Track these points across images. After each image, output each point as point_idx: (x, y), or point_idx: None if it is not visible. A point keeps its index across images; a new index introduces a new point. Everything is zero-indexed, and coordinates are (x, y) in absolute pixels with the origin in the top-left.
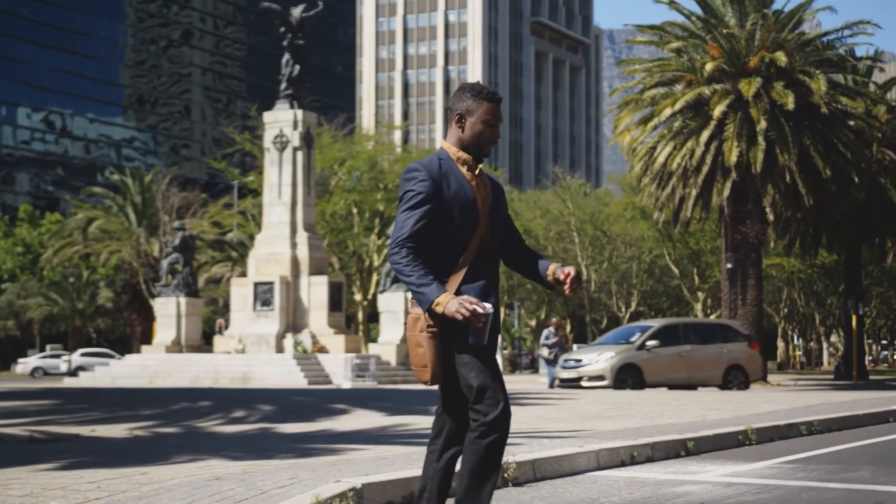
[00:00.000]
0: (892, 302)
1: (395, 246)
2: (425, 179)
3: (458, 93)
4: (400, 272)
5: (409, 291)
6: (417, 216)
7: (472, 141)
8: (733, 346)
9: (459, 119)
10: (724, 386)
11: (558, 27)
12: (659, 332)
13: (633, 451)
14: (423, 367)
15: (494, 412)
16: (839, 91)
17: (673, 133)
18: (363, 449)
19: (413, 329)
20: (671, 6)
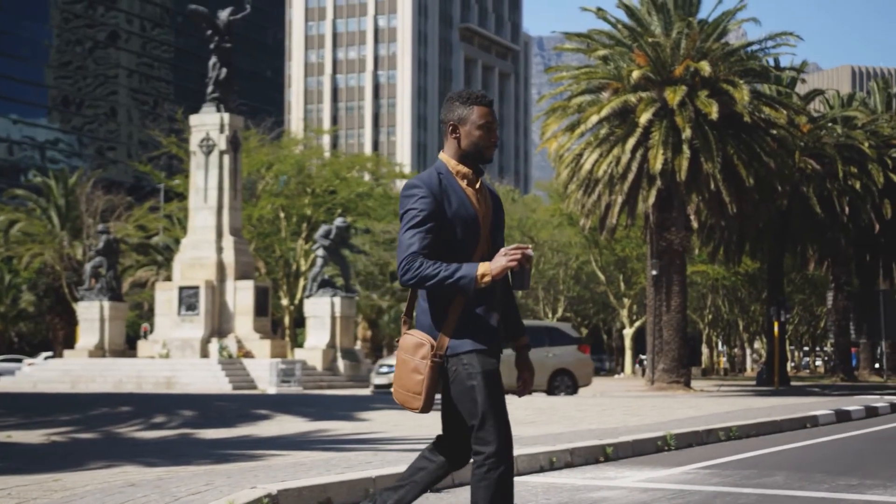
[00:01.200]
0: (815, 309)
1: (404, 262)
2: (426, 196)
3: (446, 103)
4: (424, 278)
5: (439, 286)
6: (423, 233)
7: (471, 149)
8: (561, 350)
9: (454, 129)
10: (550, 392)
11: (487, 33)
12: None
13: (552, 457)
14: (416, 394)
15: (496, 442)
16: (762, 101)
17: (599, 140)
18: (282, 455)
19: (413, 353)
20: (598, 14)
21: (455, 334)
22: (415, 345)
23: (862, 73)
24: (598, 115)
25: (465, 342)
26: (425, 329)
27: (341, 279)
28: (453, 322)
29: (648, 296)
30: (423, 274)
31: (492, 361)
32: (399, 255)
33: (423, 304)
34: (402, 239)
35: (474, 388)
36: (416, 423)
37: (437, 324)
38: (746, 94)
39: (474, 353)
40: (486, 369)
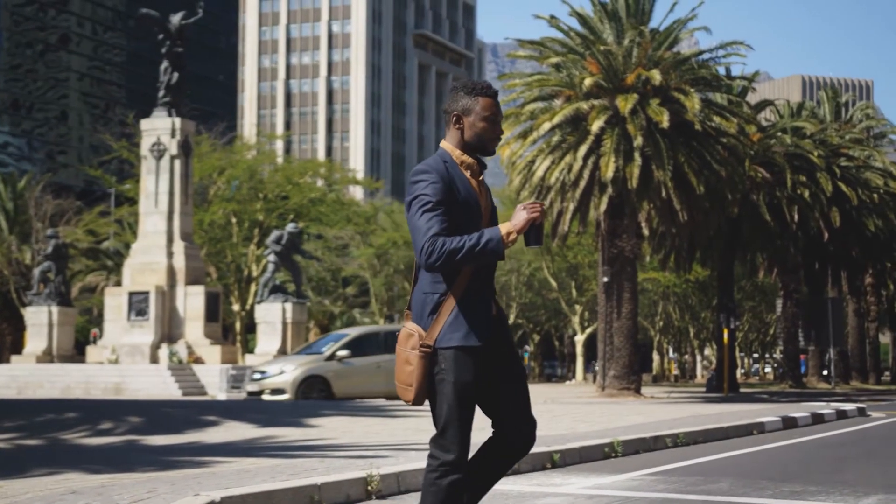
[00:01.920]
0: (764, 316)
1: (426, 245)
2: (437, 182)
3: (451, 93)
4: (452, 253)
5: (470, 258)
6: (439, 215)
7: (474, 140)
8: None
9: (457, 120)
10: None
11: (441, 40)
12: (354, 341)
13: None
14: (408, 385)
15: (456, 452)
16: (713, 110)
17: (552, 147)
18: (229, 461)
19: (404, 344)
20: (551, 23)
21: (446, 326)
22: (406, 335)
23: (812, 83)
24: (550, 122)
25: (454, 336)
26: (417, 318)
27: (293, 285)
28: (446, 313)
29: (600, 302)
30: (449, 249)
31: (469, 369)
32: (418, 240)
33: (418, 294)
34: (417, 224)
35: (444, 395)
36: (365, 429)
37: (430, 313)
38: (697, 102)
39: (459, 353)
40: (460, 379)
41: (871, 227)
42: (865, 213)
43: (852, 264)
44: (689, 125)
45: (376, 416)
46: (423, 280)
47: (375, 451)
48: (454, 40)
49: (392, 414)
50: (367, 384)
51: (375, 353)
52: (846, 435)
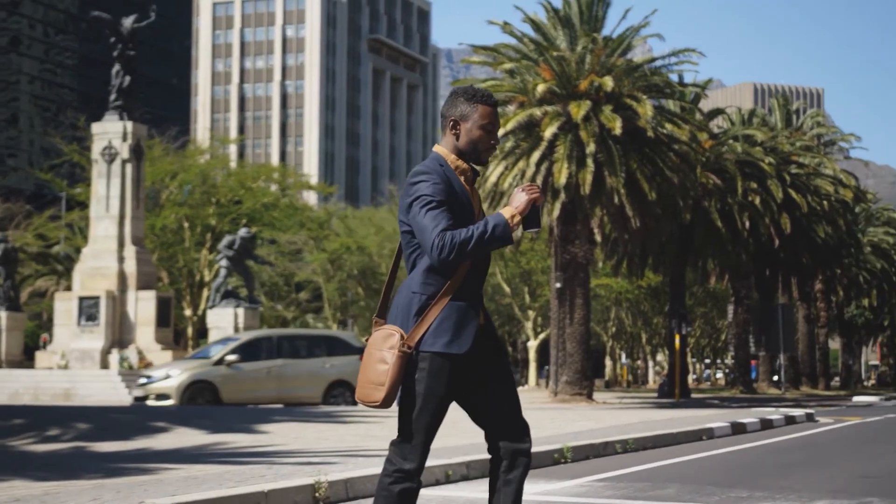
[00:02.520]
0: (716, 322)
1: (437, 241)
2: (438, 182)
3: (450, 98)
4: (463, 244)
5: (484, 246)
6: (444, 212)
7: (469, 148)
8: (340, 360)
9: (454, 125)
10: (327, 403)
11: (396, 45)
12: (245, 345)
13: (448, 470)
14: (378, 384)
15: (415, 462)
16: (665, 117)
17: (505, 153)
18: (176, 468)
19: (380, 344)
20: (504, 29)
21: (431, 330)
22: (384, 336)
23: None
24: (503, 128)
25: (437, 341)
26: (399, 319)
27: (245, 290)
28: (432, 316)
29: (552, 308)
30: (459, 241)
31: (444, 379)
32: (427, 237)
33: (404, 293)
34: (422, 223)
35: (414, 401)
36: (316, 435)
37: (416, 314)
38: (650, 109)
39: (438, 359)
40: (434, 387)
41: (821, 233)
42: (815, 220)
43: (802, 271)
44: (642, 132)
45: (328, 421)
46: (412, 279)
47: (324, 457)
48: (409, 45)
49: (343, 420)
50: (258, 390)
51: (268, 358)
52: (794, 441)
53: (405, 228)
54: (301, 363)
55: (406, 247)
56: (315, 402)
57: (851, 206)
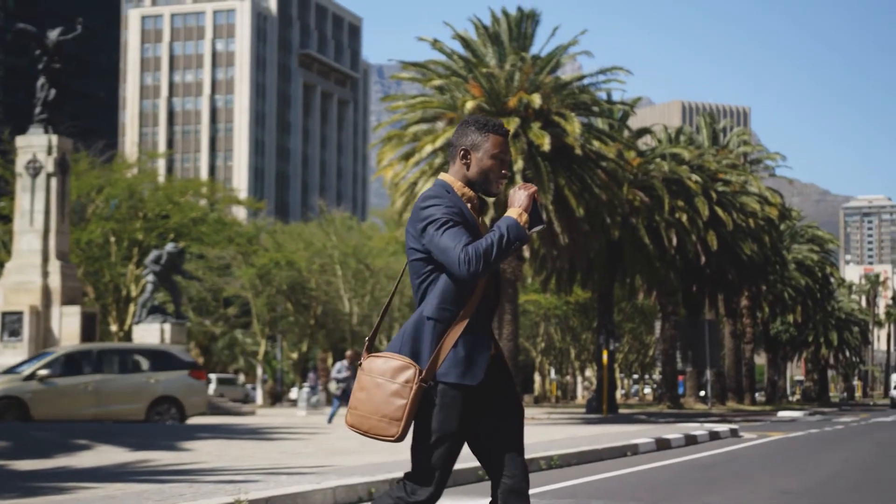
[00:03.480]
0: (644, 337)
1: (462, 257)
2: (450, 205)
3: (461, 127)
4: (486, 255)
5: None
6: (460, 229)
7: (480, 178)
8: (167, 376)
9: (465, 154)
10: (149, 421)
11: (327, 60)
12: (62, 359)
13: (370, 488)
14: (393, 419)
15: (425, 494)
16: (593, 134)
17: (434, 169)
18: (95, 487)
19: (393, 376)
20: (434, 45)
21: (448, 359)
22: (396, 368)
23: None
24: (432, 144)
25: (451, 371)
26: (407, 346)
27: (172, 305)
28: (449, 344)
29: None
30: (480, 253)
31: (458, 410)
32: (451, 257)
33: (416, 319)
34: (442, 243)
35: (419, 437)
36: (239, 452)
37: (430, 345)
38: (578, 127)
39: (452, 391)
40: (449, 419)
41: (747, 250)
42: (741, 237)
43: (729, 287)
44: (570, 149)
45: (252, 438)
46: (427, 306)
47: (247, 475)
48: (339, 61)
49: (268, 437)
50: (74, 406)
51: (86, 373)
52: (717, 456)
53: (416, 256)
54: (123, 378)
55: (416, 275)
56: (137, 419)
57: (777, 223)
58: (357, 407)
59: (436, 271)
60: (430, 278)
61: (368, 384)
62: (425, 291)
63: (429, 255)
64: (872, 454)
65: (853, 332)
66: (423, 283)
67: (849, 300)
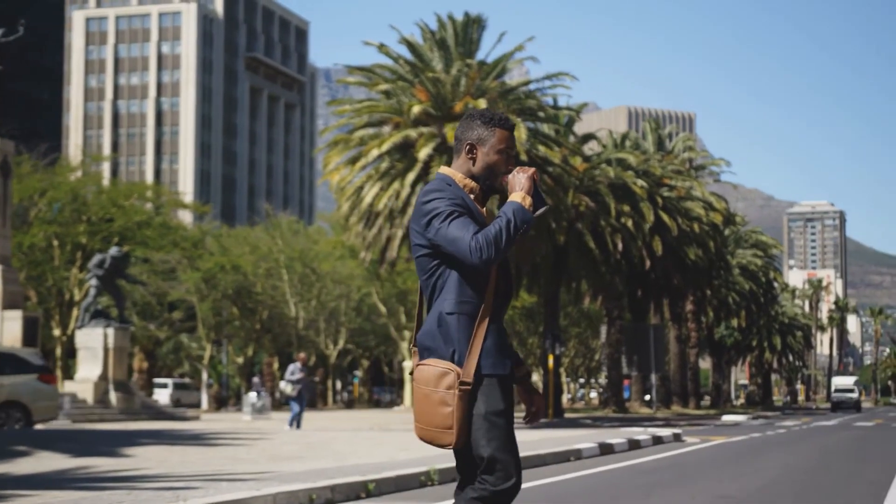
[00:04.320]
0: (590, 342)
1: (473, 245)
2: (452, 196)
3: (465, 121)
4: (496, 242)
5: (509, 232)
6: (466, 219)
7: (485, 172)
8: (14, 380)
9: (470, 149)
10: None
11: (273, 63)
12: None
13: (311, 494)
14: (445, 429)
15: (504, 485)
16: (539, 139)
17: (380, 174)
18: (31, 495)
19: (436, 384)
20: (380, 50)
21: (483, 354)
22: (438, 375)
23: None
24: (378, 149)
25: (486, 363)
26: (443, 354)
27: (116, 310)
28: (479, 338)
29: None
30: (490, 240)
31: (509, 395)
32: (461, 246)
33: (433, 324)
34: (450, 234)
35: (480, 430)
36: (181, 458)
37: (459, 347)
38: (524, 132)
39: (493, 381)
40: (489, 410)
41: (692, 255)
42: (686, 243)
43: (674, 292)
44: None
45: (195, 444)
46: (444, 301)
47: (187, 481)
48: (286, 64)
49: (212, 442)
50: None
51: None
52: (660, 461)
53: (422, 252)
54: None
55: (423, 272)
56: None
57: (721, 228)
58: (418, 419)
59: (443, 266)
60: (439, 273)
61: (419, 395)
62: (435, 286)
63: (435, 250)
64: (813, 459)
65: (796, 336)
66: (432, 278)
67: (792, 305)
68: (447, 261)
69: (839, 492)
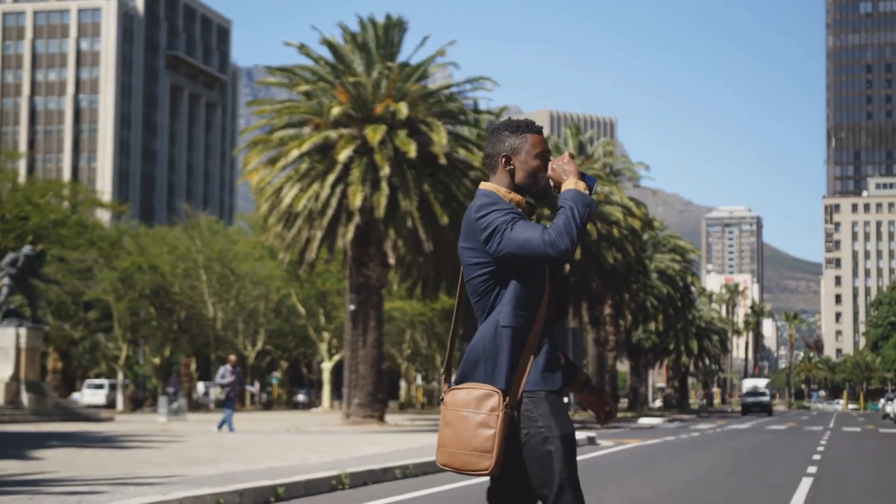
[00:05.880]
0: None
1: (547, 239)
2: (507, 206)
3: (493, 136)
4: (567, 231)
5: (575, 219)
6: (530, 222)
7: (528, 181)
8: None
9: (507, 161)
10: None
11: (195, 62)
12: None
13: (219, 499)
14: (483, 452)
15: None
16: (459, 143)
17: (300, 175)
18: None
19: (477, 407)
20: (301, 50)
21: (537, 369)
22: (479, 397)
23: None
24: (298, 149)
25: (541, 378)
26: (489, 370)
27: (29, 309)
28: (527, 361)
29: (346, 331)
30: (561, 230)
31: (569, 420)
32: (535, 246)
33: (487, 338)
34: (519, 236)
35: (551, 453)
36: (90, 461)
37: (509, 361)
38: (444, 135)
39: (553, 398)
40: (564, 433)
41: (611, 259)
42: (605, 247)
43: (592, 295)
44: (436, 157)
45: (106, 447)
46: (500, 313)
47: (93, 485)
48: (208, 63)
49: (123, 445)
50: None
51: None
52: None
53: (479, 272)
54: None
55: (476, 294)
56: None
57: (640, 233)
58: (446, 444)
59: (501, 281)
60: (496, 292)
61: (453, 418)
62: (493, 306)
63: (500, 265)
64: (724, 463)
65: (713, 340)
66: (489, 297)
67: (709, 309)
68: (507, 275)
69: (746, 496)
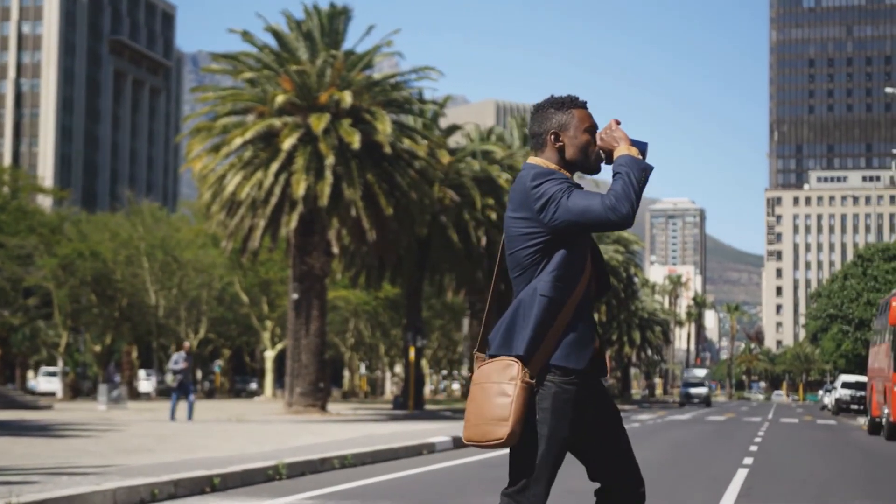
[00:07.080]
0: (453, 334)
1: (606, 203)
2: (562, 177)
3: (538, 114)
4: (625, 195)
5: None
6: (585, 191)
7: (580, 156)
8: None
9: (556, 138)
10: None
11: (139, 48)
12: None
13: (154, 489)
14: (500, 420)
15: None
16: (404, 133)
17: (243, 163)
18: None
19: (499, 376)
20: (244, 38)
21: (561, 344)
22: (501, 367)
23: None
24: (242, 137)
25: (560, 354)
26: (515, 333)
27: None
28: (552, 337)
29: (289, 319)
30: (620, 196)
31: (570, 406)
32: (595, 211)
33: (525, 302)
34: (579, 205)
35: (538, 439)
36: (25, 450)
37: (529, 329)
38: (388, 125)
39: (562, 380)
40: (553, 435)
41: None
42: None
43: None
44: (381, 147)
45: (42, 435)
46: (540, 282)
47: (26, 475)
48: (152, 48)
49: (60, 433)
50: None
51: None
52: None
53: (529, 243)
54: None
55: (519, 267)
56: None
57: None
58: (469, 419)
59: (547, 255)
60: (542, 265)
61: (476, 392)
62: (529, 276)
63: (548, 237)
64: (663, 453)
65: (655, 331)
66: (532, 269)
67: (652, 300)
68: (553, 249)
69: (682, 487)
